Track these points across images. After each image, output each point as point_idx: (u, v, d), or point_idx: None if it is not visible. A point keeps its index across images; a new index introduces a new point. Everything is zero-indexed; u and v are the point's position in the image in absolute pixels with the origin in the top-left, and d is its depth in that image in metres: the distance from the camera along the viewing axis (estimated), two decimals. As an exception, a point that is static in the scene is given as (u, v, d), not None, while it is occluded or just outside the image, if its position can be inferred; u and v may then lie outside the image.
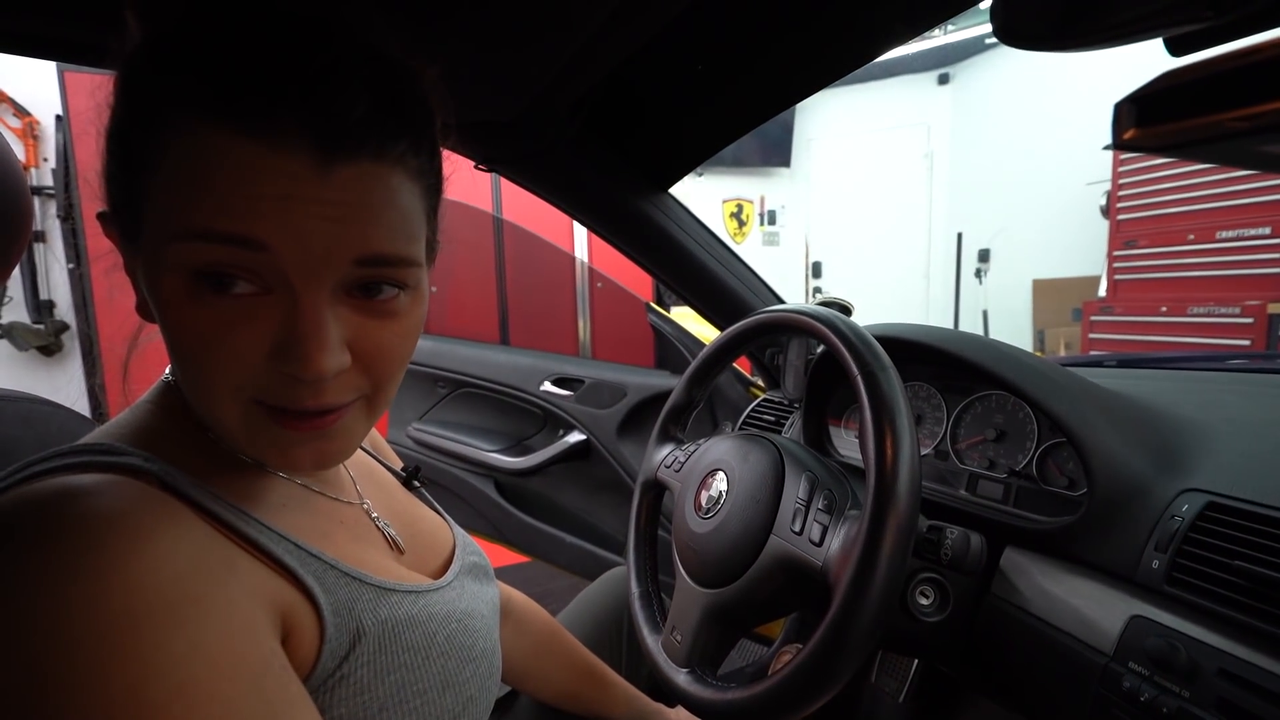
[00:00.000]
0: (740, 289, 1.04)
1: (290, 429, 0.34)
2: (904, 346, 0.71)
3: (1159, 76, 0.28)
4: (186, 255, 0.30)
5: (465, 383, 1.62)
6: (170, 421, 0.38)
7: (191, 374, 0.34)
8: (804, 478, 0.55)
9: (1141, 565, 0.51)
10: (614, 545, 1.48)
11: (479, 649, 0.45)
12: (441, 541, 0.54)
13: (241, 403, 0.33)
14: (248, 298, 0.31)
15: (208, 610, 0.29)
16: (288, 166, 0.30)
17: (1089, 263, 4.05)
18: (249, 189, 0.30)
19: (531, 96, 0.59)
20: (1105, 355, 0.98)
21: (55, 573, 0.26)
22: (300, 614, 0.34)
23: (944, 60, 5.19)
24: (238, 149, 0.30)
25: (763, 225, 5.83)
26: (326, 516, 0.43)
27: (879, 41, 0.63)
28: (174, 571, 0.29)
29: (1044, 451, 0.65)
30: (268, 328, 0.32)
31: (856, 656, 0.44)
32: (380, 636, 0.38)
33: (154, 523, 0.30)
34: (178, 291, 0.31)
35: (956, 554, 0.55)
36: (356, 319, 0.34)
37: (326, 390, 0.33)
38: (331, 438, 0.36)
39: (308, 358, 0.31)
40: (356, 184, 0.32)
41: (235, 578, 0.31)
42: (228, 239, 0.30)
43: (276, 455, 0.36)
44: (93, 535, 0.28)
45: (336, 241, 0.31)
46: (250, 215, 0.30)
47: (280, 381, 0.33)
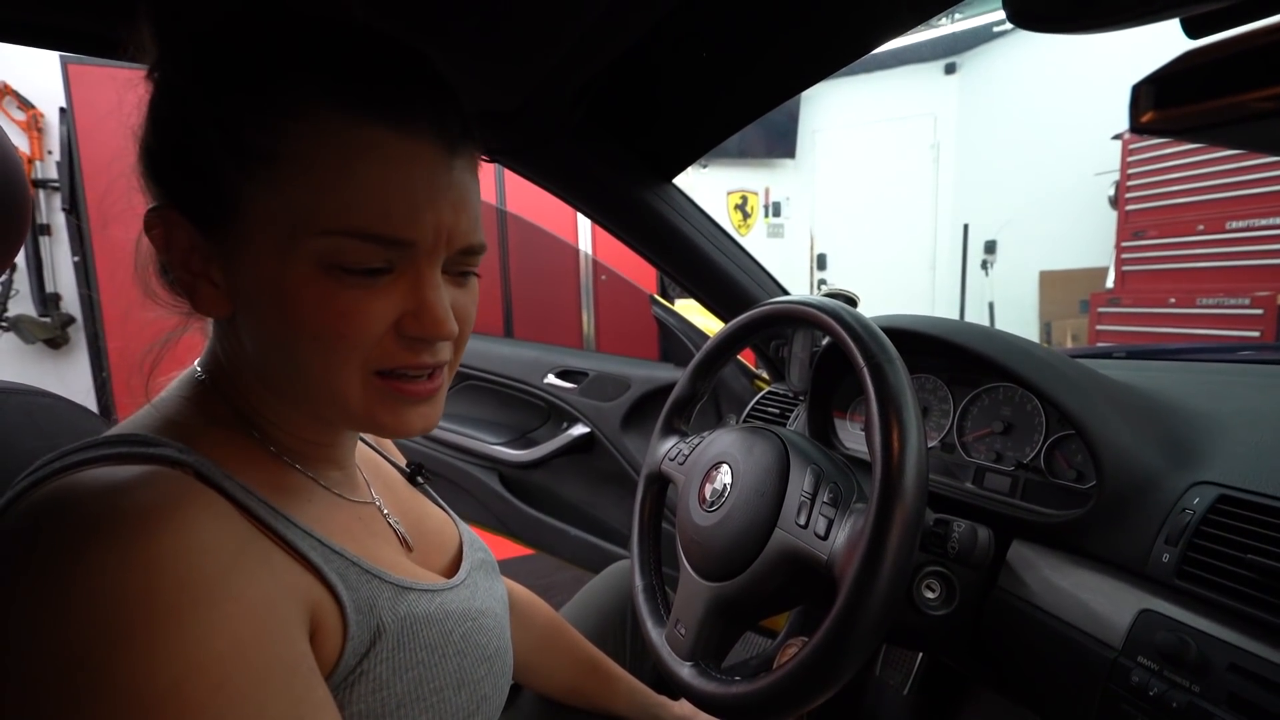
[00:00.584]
0: (745, 281, 1.03)
1: (408, 394, 0.38)
2: (910, 338, 0.70)
3: (1179, 57, 0.27)
4: (336, 250, 0.33)
5: (469, 375, 1.62)
6: (202, 415, 0.39)
7: (320, 351, 0.35)
8: (809, 471, 0.54)
9: (1151, 559, 0.50)
10: (617, 538, 1.48)
11: (493, 648, 0.46)
12: (448, 539, 0.55)
13: (364, 375, 0.37)
14: (375, 275, 0.35)
15: (248, 608, 0.29)
16: (426, 156, 0.34)
17: (1096, 254, 4.01)
18: (403, 185, 0.34)
19: (533, 87, 0.58)
20: (1113, 347, 0.97)
21: (103, 564, 0.27)
22: (326, 611, 0.35)
23: (950, 49, 5.13)
24: (382, 141, 0.33)
25: (767, 217, 5.80)
26: (347, 514, 0.44)
27: (885, 29, 0.62)
28: (218, 566, 0.29)
29: (1052, 444, 0.64)
30: (393, 301, 0.36)
31: (862, 650, 0.43)
32: (399, 633, 0.38)
33: (195, 515, 0.30)
34: (312, 276, 0.34)
35: (964, 547, 0.54)
36: (453, 293, 0.39)
37: (440, 350, 0.39)
38: (434, 402, 0.41)
39: (438, 321, 0.36)
40: (465, 173, 0.37)
41: (271, 574, 0.32)
42: (386, 242, 0.34)
43: (392, 419, 0.39)
44: (138, 527, 0.28)
45: (455, 229, 0.36)
46: (406, 218, 0.34)
47: (403, 348, 0.37)
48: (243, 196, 0.33)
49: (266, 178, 0.33)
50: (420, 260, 0.36)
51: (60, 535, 0.28)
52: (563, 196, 0.90)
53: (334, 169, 0.33)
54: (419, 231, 0.35)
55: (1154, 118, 0.26)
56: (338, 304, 0.34)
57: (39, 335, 2.56)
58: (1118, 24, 0.31)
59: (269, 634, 0.30)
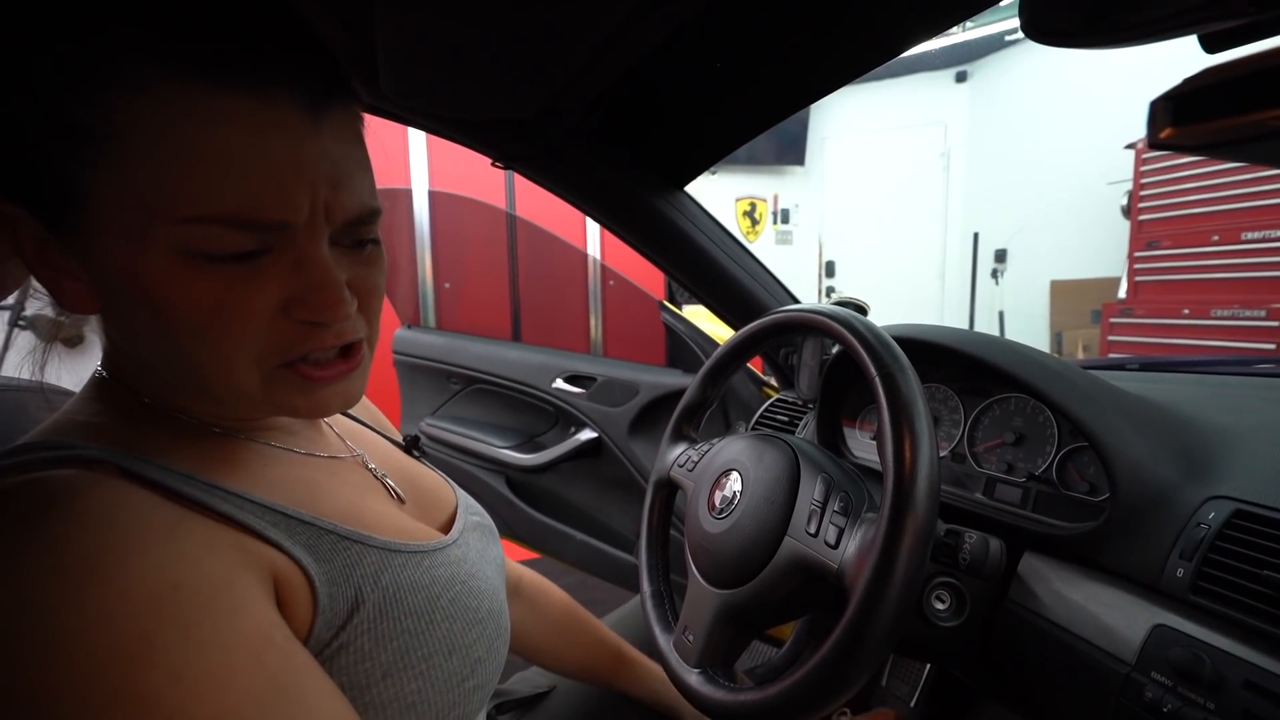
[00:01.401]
0: (755, 288, 1.04)
1: (318, 378, 0.36)
2: (921, 348, 0.70)
3: (1196, 74, 0.27)
4: (198, 238, 0.30)
5: (477, 379, 1.63)
6: (115, 410, 0.36)
7: (204, 346, 0.32)
8: (820, 479, 0.54)
9: (1166, 573, 0.50)
10: (624, 543, 1.48)
11: (484, 610, 0.44)
12: (444, 499, 0.53)
13: (264, 371, 0.34)
14: (249, 260, 0.31)
15: (191, 594, 0.28)
16: (289, 123, 0.30)
17: (1108, 264, 3.98)
18: (265, 158, 0.29)
19: (548, 95, 0.59)
20: (1127, 358, 0.96)
21: (31, 583, 0.26)
22: (293, 583, 0.34)
23: (962, 58, 5.12)
24: (236, 109, 0.29)
25: (776, 224, 5.80)
26: (315, 469, 0.42)
27: (898, 40, 0.62)
28: (155, 560, 0.28)
29: (1064, 456, 0.64)
30: (275, 285, 0.32)
31: (872, 661, 0.43)
32: (380, 603, 0.37)
33: (123, 514, 0.29)
34: (175, 267, 0.30)
35: (975, 559, 0.54)
36: (349, 265, 0.36)
37: (343, 331, 0.36)
38: (353, 380, 0.38)
39: (330, 304, 0.33)
40: (340, 138, 0.33)
41: (214, 554, 0.30)
42: (256, 226, 0.30)
43: (306, 404, 0.36)
44: (64, 535, 0.27)
45: (334, 202, 0.33)
46: (276, 199, 0.30)
47: (299, 333, 0.34)
48: (82, 183, 0.29)
49: (105, 161, 0.29)
50: (299, 238, 0.32)
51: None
52: (575, 203, 0.90)
53: (182, 147, 0.28)
54: (292, 210, 0.31)
55: (1172, 134, 0.26)
56: (210, 294, 0.31)
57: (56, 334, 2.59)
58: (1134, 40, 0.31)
59: (221, 614, 0.28)
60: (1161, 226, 3.41)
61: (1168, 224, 3.38)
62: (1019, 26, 0.36)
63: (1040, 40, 0.36)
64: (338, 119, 0.33)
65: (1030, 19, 0.35)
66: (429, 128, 0.75)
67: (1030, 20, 0.35)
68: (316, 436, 0.46)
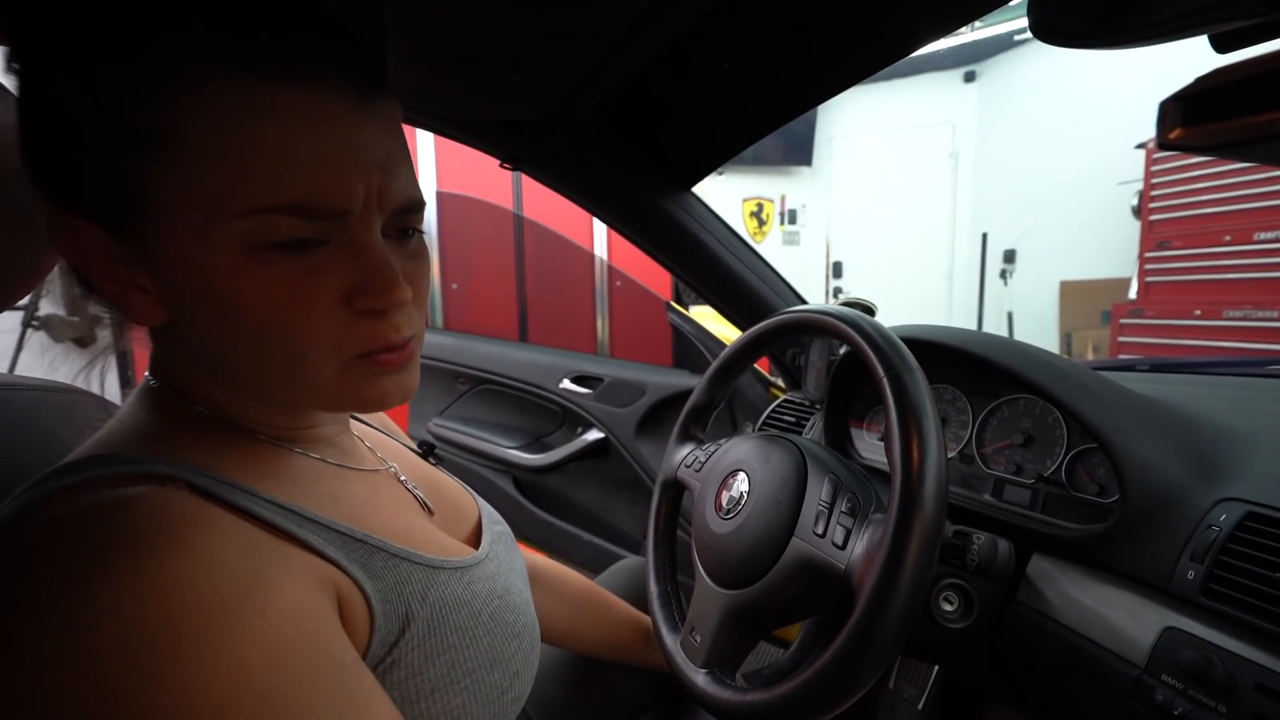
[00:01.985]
0: (762, 289, 1.04)
1: (386, 366, 0.36)
2: (929, 348, 0.70)
3: (1206, 74, 0.27)
4: (264, 229, 0.30)
5: (485, 379, 1.63)
6: (171, 421, 0.36)
7: (280, 343, 0.33)
8: (827, 480, 0.54)
9: (1176, 576, 0.49)
10: (630, 543, 1.48)
11: (520, 624, 0.46)
12: (467, 508, 0.54)
13: (339, 361, 0.35)
14: (309, 251, 0.32)
15: (275, 616, 0.28)
16: (339, 113, 0.31)
17: (1118, 264, 3.95)
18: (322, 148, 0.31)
19: (557, 96, 0.59)
20: (1137, 359, 0.96)
21: (114, 598, 0.25)
22: (351, 601, 0.34)
23: (970, 57, 5.09)
24: (286, 102, 0.30)
25: (783, 225, 5.79)
26: (358, 484, 0.43)
27: (907, 41, 0.62)
28: (235, 581, 0.28)
29: (1074, 457, 0.63)
30: (336, 275, 0.33)
31: (880, 662, 0.43)
32: (429, 620, 0.38)
33: (202, 534, 0.29)
34: (242, 263, 0.31)
35: (983, 560, 0.54)
36: (400, 256, 0.37)
37: (402, 322, 0.36)
38: (409, 370, 0.39)
39: (388, 287, 0.34)
40: (388, 126, 0.35)
41: (292, 575, 0.31)
42: (318, 214, 0.31)
43: (372, 393, 0.37)
44: (145, 556, 0.26)
45: (385, 189, 0.34)
46: (336, 186, 0.31)
47: (367, 323, 0.35)
48: (147, 187, 0.30)
49: (169, 162, 0.29)
50: (355, 227, 0.33)
51: (61, 572, 0.26)
52: (583, 204, 0.91)
53: (242, 142, 0.29)
54: (350, 198, 0.32)
55: (1182, 134, 0.26)
56: (278, 288, 0.31)
57: (68, 334, 2.62)
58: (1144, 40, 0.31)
59: (305, 637, 0.29)
60: (1173, 227, 3.38)
61: (1179, 224, 3.35)
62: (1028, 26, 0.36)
63: (1049, 41, 0.36)
64: (384, 109, 0.34)
65: (1039, 19, 0.35)
66: (438, 129, 0.75)
67: (1039, 21, 0.35)
68: (353, 449, 0.46)
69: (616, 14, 0.45)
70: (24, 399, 0.49)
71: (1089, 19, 0.33)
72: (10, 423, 0.47)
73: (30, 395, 0.50)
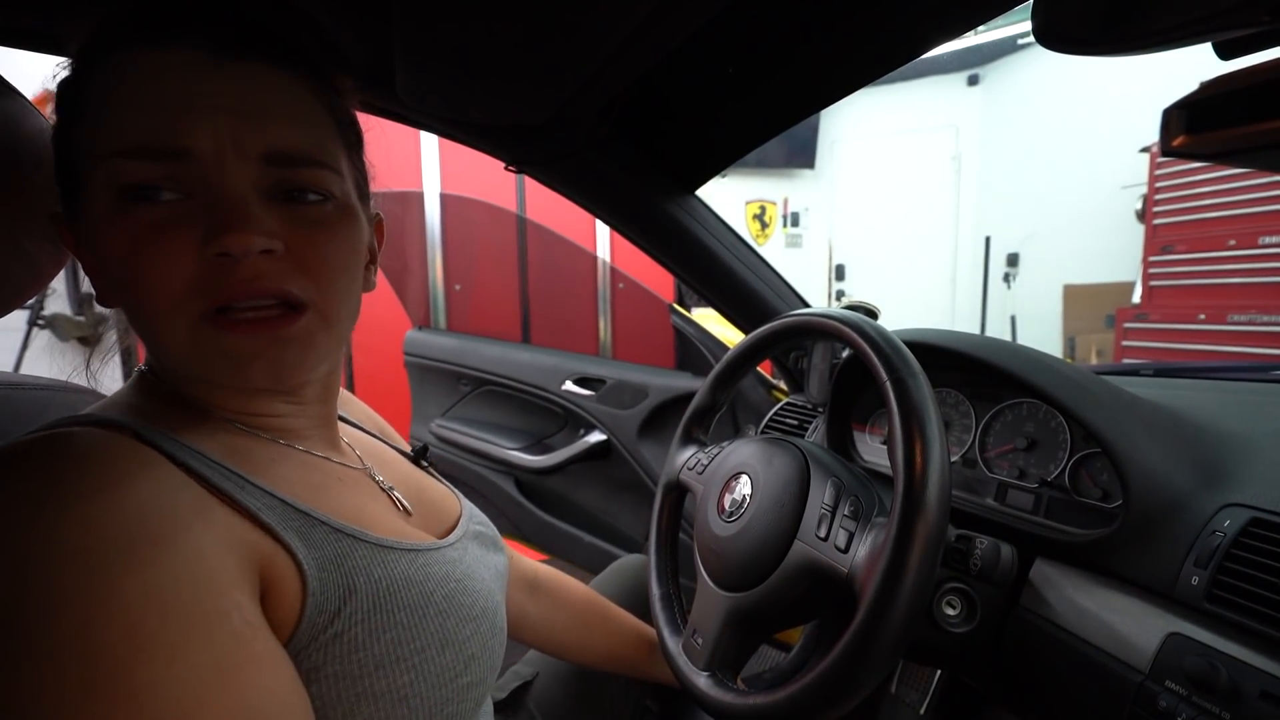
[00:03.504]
0: (765, 292, 1.04)
1: (240, 334, 0.35)
2: (932, 352, 0.70)
3: (1210, 81, 0.27)
4: (113, 173, 0.33)
5: (488, 380, 1.63)
6: (152, 399, 0.39)
7: (133, 292, 0.34)
8: (830, 483, 0.54)
9: (1180, 581, 0.49)
10: (632, 545, 1.48)
11: (479, 608, 0.44)
12: (448, 509, 0.54)
13: (189, 321, 0.34)
14: (172, 204, 0.33)
15: (167, 554, 0.28)
16: (188, 63, 0.34)
17: (1122, 268, 3.94)
18: (159, 94, 0.33)
19: (562, 100, 0.59)
20: (1141, 364, 0.95)
21: (13, 511, 0.27)
22: (281, 569, 0.34)
23: (974, 61, 5.09)
24: (141, 61, 0.33)
25: (785, 227, 5.78)
26: (322, 473, 0.42)
27: (912, 45, 0.63)
28: (136, 512, 0.28)
29: (1077, 462, 0.63)
30: (195, 223, 0.33)
31: (882, 666, 0.43)
32: (374, 595, 0.37)
33: (119, 465, 0.30)
34: (107, 210, 0.33)
35: (986, 565, 0.54)
36: (286, 218, 0.36)
37: (263, 274, 0.35)
38: (285, 344, 0.36)
39: (232, 225, 0.33)
40: (252, 82, 0.35)
41: (206, 526, 0.31)
42: (153, 154, 0.33)
43: (227, 365, 0.35)
44: (54, 470, 0.28)
45: (244, 134, 0.34)
46: (168, 126, 0.33)
47: (217, 271, 0.34)
48: (72, 172, 0.35)
49: (77, 140, 0.35)
50: (209, 172, 0.34)
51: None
52: (587, 207, 0.91)
53: (104, 101, 0.33)
54: (185, 137, 0.33)
55: (1185, 142, 0.26)
56: (130, 236, 0.33)
57: (73, 333, 2.63)
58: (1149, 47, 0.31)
59: (188, 582, 0.28)
60: (1177, 231, 3.37)
61: (1183, 228, 3.34)
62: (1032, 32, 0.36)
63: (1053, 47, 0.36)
64: (245, 67, 0.35)
65: (1043, 26, 0.35)
66: (443, 132, 0.76)
67: (1043, 27, 0.35)
68: (330, 445, 0.47)
69: (622, 19, 0.45)
70: (30, 398, 0.50)
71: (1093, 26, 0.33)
72: (16, 421, 0.47)
73: (37, 394, 0.50)
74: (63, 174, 0.37)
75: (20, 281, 0.44)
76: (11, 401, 0.48)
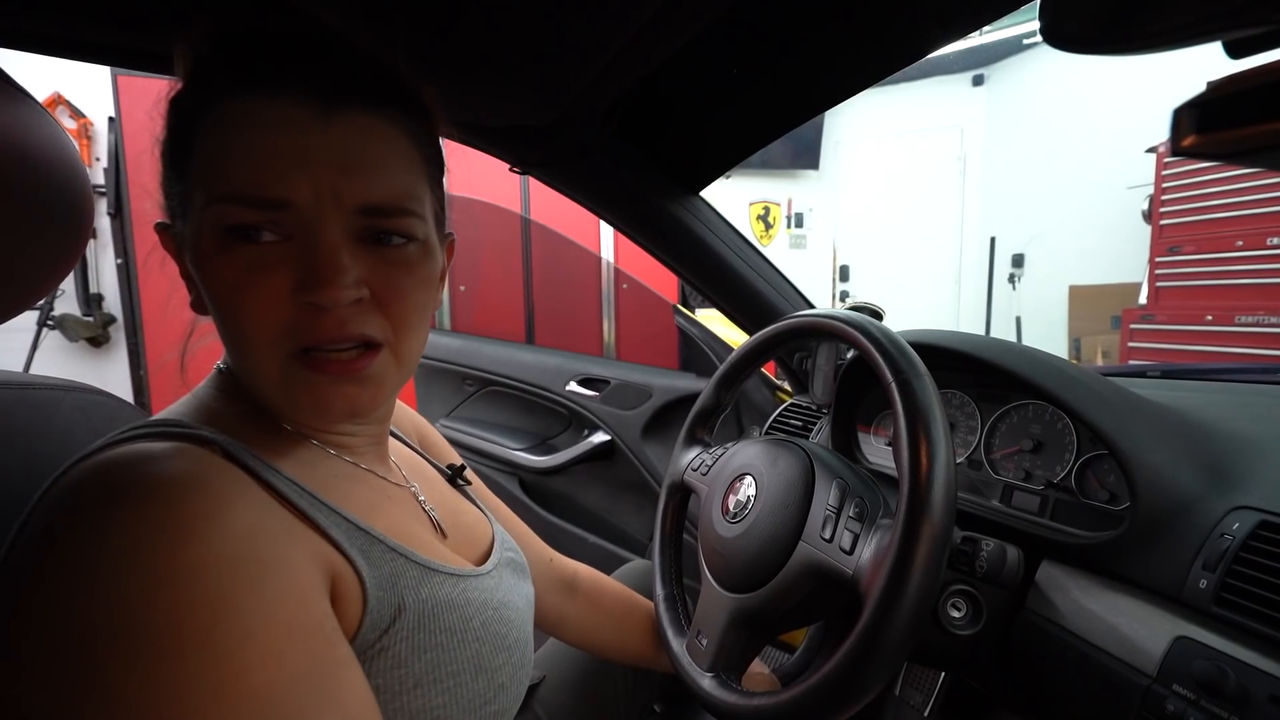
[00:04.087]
0: (770, 293, 1.04)
1: (322, 372, 0.37)
2: (938, 353, 0.70)
3: (1220, 81, 0.27)
4: (220, 216, 0.35)
5: (492, 381, 1.64)
6: (228, 403, 0.41)
7: (231, 325, 0.37)
8: (835, 484, 0.54)
9: (1188, 584, 0.49)
10: (636, 545, 1.48)
11: (512, 638, 0.46)
12: (481, 534, 0.56)
13: (278, 356, 0.37)
14: (271, 245, 0.35)
15: (271, 570, 0.31)
16: (296, 117, 0.35)
17: (1128, 269, 3.92)
18: (269, 147, 0.35)
19: (567, 101, 0.59)
20: (1148, 365, 0.95)
21: (139, 527, 0.29)
22: (346, 582, 0.36)
23: (979, 61, 5.07)
24: (254, 110, 0.35)
25: (789, 228, 5.78)
26: (376, 491, 0.45)
27: (917, 46, 0.62)
28: (243, 531, 0.31)
29: (1084, 464, 0.63)
30: (290, 268, 0.35)
31: (887, 668, 0.43)
32: (420, 614, 0.39)
33: (222, 487, 0.32)
34: (213, 246, 0.35)
35: (992, 567, 0.54)
36: (371, 261, 0.38)
37: (348, 320, 0.37)
38: (363, 384, 0.39)
39: (325, 281, 0.35)
40: (355, 134, 0.37)
41: (293, 542, 0.34)
42: (259, 203, 0.35)
43: (310, 401, 0.38)
44: (171, 494, 0.30)
45: (343, 188, 0.36)
46: (275, 179, 0.35)
47: (308, 318, 0.36)
48: (178, 196, 0.37)
49: (188, 172, 0.36)
50: (307, 221, 0.35)
51: (93, 501, 0.30)
52: (592, 208, 0.91)
53: (218, 145, 0.35)
54: (290, 189, 0.35)
55: (1195, 142, 0.26)
56: (232, 274, 0.35)
57: (82, 334, 2.65)
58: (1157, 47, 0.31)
59: (291, 595, 0.31)
60: (1184, 231, 3.35)
61: (1190, 229, 3.32)
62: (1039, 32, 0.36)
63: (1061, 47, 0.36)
64: (355, 119, 0.37)
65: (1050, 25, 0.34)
66: (448, 133, 0.76)
67: (1050, 26, 0.34)
68: (381, 461, 0.49)
69: (627, 21, 0.45)
70: (42, 398, 0.50)
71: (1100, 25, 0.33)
72: (29, 421, 0.48)
73: (48, 394, 0.51)
74: (170, 187, 0.39)
75: (25, 286, 0.45)
76: (24, 402, 0.49)
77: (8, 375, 0.48)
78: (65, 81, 2.56)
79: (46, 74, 2.53)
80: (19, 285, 0.44)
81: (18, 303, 0.45)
